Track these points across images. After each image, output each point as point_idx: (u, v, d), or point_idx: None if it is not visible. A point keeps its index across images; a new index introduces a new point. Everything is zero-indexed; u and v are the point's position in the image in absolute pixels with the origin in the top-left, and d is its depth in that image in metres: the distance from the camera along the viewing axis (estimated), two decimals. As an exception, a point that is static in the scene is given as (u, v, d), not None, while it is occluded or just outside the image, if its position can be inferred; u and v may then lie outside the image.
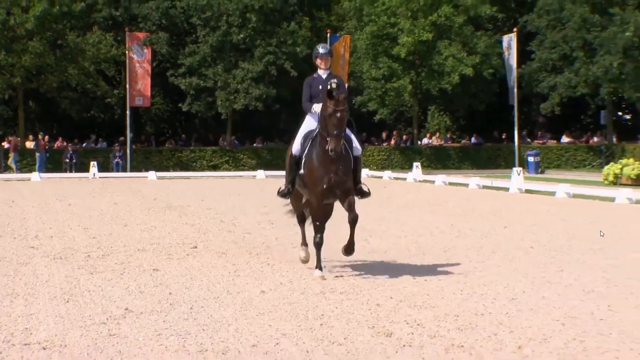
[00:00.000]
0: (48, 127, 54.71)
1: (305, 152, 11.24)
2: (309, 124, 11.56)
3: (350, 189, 11.17)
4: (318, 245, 11.04)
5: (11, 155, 46.03)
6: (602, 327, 7.98)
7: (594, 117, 56.25)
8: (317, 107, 11.21)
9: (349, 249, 11.39)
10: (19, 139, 48.03)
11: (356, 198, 11.38)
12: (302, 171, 11.27)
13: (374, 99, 51.40)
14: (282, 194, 11.83)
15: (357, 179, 11.44)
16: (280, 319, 8.32)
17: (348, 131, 11.19)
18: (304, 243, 12.05)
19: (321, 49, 11.82)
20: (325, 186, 10.85)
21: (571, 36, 49.38)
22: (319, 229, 11.07)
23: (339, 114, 10.48)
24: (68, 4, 47.15)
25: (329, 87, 10.81)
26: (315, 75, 11.76)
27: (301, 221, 12.31)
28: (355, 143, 11.44)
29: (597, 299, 9.36)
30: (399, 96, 51.33)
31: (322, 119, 10.79)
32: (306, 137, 11.41)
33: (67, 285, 10.35)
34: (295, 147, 11.50)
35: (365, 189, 11.54)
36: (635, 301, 9.28)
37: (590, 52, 48.99)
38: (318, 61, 11.71)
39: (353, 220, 11.09)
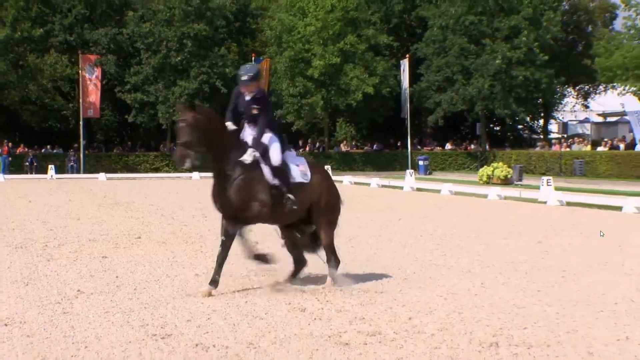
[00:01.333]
0: (11, 135, 53.30)
1: None
2: None
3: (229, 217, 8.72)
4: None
5: None
6: (476, 300, 8.14)
7: (471, 128, 57.40)
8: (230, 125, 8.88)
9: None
10: None
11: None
12: None
13: (291, 112, 51.57)
14: None
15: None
16: (211, 298, 8.26)
17: (269, 140, 8.83)
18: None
19: (244, 76, 8.85)
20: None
21: (452, 62, 50.27)
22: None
23: (179, 124, 8.43)
24: (28, 30, 46.41)
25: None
26: (242, 90, 8.98)
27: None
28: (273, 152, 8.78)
29: (472, 278, 9.54)
30: (312, 110, 51.50)
31: None
32: None
33: (27, 270, 10.11)
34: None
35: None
36: (502, 279, 9.48)
37: (467, 76, 49.98)
38: (243, 89, 8.95)
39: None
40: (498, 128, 61.68)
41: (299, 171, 9.03)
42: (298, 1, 51.24)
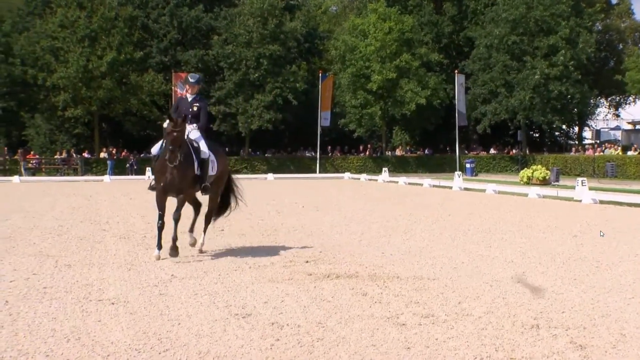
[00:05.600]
0: (116, 142, 54.81)
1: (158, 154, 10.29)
2: None
3: (182, 189, 10.10)
4: (160, 227, 10.02)
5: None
6: (518, 287, 8.00)
7: (513, 135, 56.52)
8: (165, 124, 10.17)
9: (172, 249, 9.98)
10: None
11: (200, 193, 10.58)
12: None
13: (353, 121, 51.65)
14: (150, 188, 10.64)
15: (202, 178, 10.24)
16: (285, 282, 8.31)
17: (198, 138, 10.33)
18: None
19: (191, 79, 10.74)
20: (161, 185, 10.02)
21: (496, 77, 49.71)
22: (160, 217, 10.06)
23: (174, 133, 9.60)
24: (131, 52, 47.56)
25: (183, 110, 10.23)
26: (183, 96, 10.78)
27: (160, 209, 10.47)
28: (203, 148, 10.29)
29: (515, 267, 9.38)
30: (372, 119, 51.42)
31: (165, 135, 9.90)
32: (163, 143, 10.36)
33: (129, 257, 10.34)
34: (155, 148, 10.65)
35: (208, 184, 10.41)
36: (541, 269, 9.30)
37: (510, 89, 49.35)
38: (186, 87, 10.70)
39: (176, 219, 10.12)
40: (537, 135, 60.76)
41: (207, 147, 10.43)
42: (360, 25, 51.29)
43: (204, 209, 11.20)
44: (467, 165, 46.25)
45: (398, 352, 5.52)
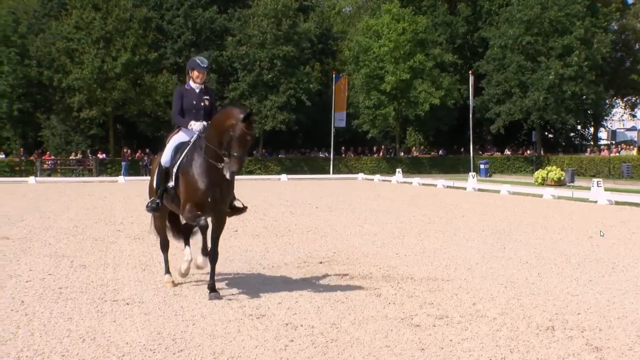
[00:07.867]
0: (130, 143, 55.05)
1: (179, 164, 7.77)
2: (181, 136, 8.10)
3: (225, 213, 7.92)
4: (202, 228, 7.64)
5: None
6: (533, 288, 7.96)
7: (527, 135, 56.24)
8: (195, 125, 7.89)
9: (214, 293, 7.54)
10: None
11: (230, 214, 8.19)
12: (171, 184, 7.84)
13: (367, 122, 51.61)
14: (151, 209, 8.18)
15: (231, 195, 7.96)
16: (299, 283, 8.30)
17: None
18: (167, 271, 8.44)
19: (201, 62, 8.36)
20: (209, 200, 7.50)
21: (510, 77, 49.55)
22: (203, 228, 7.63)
23: (248, 137, 7.27)
24: (145, 54, 47.90)
25: (245, 111, 7.34)
26: (187, 87, 8.33)
27: (164, 247, 8.71)
28: None
29: (529, 269, 9.32)
30: (385, 120, 51.38)
31: (227, 136, 7.26)
32: (177, 149, 7.97)
33: (144, 258, 10.39)
34: (165, 158, 8.01)
35: (239, 204, 8.16)
36: (557, 270, 9.24)
37: (524, 89, 49.18)
38: (195, 74, 8.28)
39: (214, 257, 7.75)
40: (552, 135, 60.42)
41: None
42: (373, 25, 51.27)
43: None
44: (481, 166, 46.10)
45: (412, 353, 5.51)
